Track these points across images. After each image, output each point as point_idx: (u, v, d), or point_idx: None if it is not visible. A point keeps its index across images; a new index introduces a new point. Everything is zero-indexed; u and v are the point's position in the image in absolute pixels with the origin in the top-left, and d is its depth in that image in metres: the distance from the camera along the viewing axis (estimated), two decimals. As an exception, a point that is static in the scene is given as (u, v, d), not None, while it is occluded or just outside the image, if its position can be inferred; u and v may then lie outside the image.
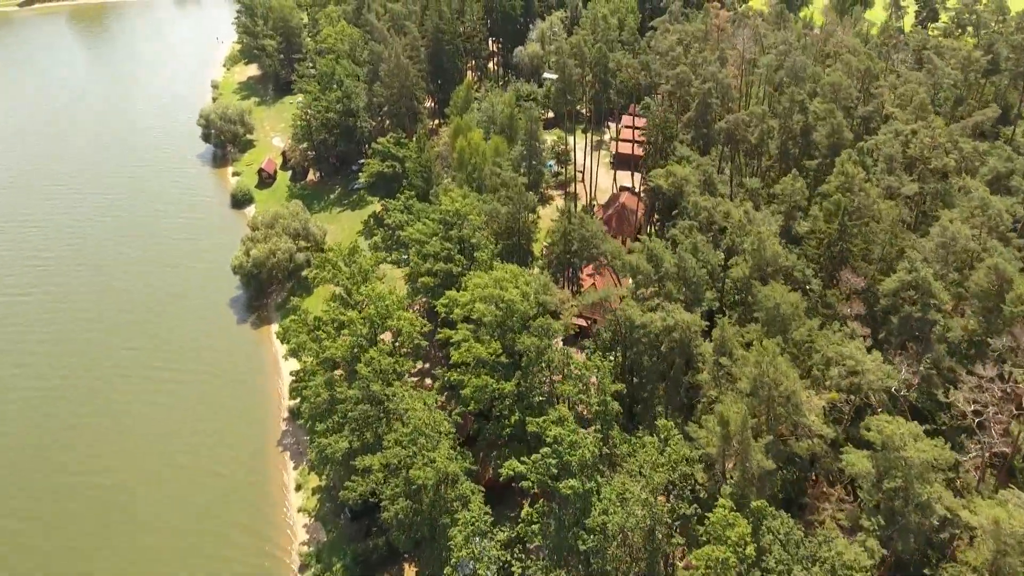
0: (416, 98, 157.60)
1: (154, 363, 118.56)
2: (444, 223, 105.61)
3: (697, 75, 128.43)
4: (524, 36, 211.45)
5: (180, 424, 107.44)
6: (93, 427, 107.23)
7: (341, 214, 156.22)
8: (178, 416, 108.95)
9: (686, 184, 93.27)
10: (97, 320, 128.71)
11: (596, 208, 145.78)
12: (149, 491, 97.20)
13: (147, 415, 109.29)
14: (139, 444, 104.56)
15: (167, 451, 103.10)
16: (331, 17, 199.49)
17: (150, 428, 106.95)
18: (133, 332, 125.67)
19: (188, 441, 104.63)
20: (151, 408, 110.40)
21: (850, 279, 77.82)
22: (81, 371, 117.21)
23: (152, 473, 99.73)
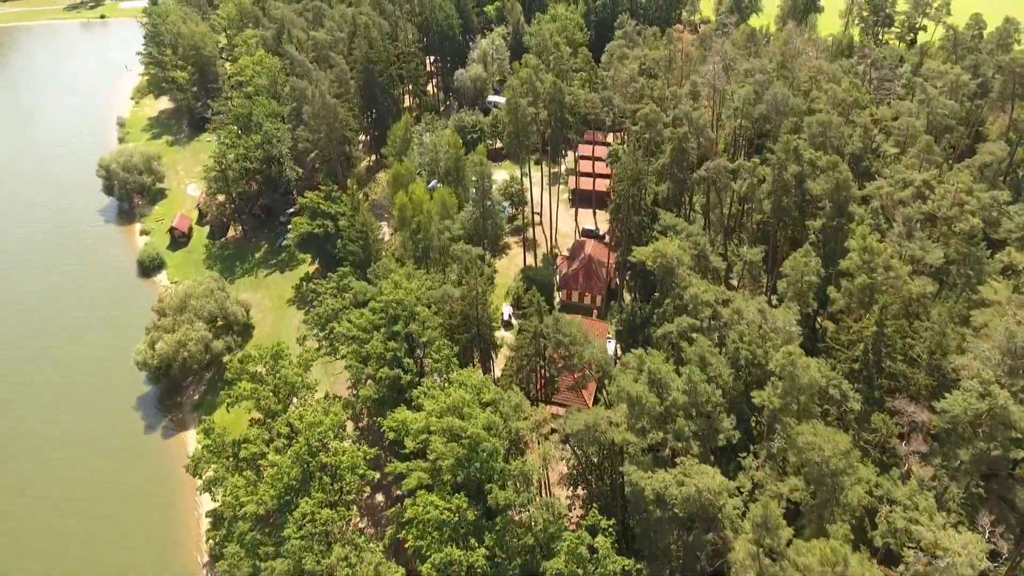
0: (348, 140, 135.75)
1: (33, 499, 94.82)
2: (387, 315, 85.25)
3: (666, 111, 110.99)
4: (464, 55, 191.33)
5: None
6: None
7: (269, 277, 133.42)
8: (66, 569, 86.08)
9: (678, 266, 75.28)
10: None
11: (559, 260, 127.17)
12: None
13: (22, 570, 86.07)
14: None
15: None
16: (248, 44, 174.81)
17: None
18: (6, 446, 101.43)
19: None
20: (25, 559, 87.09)
21: (907, 410, 60.99)
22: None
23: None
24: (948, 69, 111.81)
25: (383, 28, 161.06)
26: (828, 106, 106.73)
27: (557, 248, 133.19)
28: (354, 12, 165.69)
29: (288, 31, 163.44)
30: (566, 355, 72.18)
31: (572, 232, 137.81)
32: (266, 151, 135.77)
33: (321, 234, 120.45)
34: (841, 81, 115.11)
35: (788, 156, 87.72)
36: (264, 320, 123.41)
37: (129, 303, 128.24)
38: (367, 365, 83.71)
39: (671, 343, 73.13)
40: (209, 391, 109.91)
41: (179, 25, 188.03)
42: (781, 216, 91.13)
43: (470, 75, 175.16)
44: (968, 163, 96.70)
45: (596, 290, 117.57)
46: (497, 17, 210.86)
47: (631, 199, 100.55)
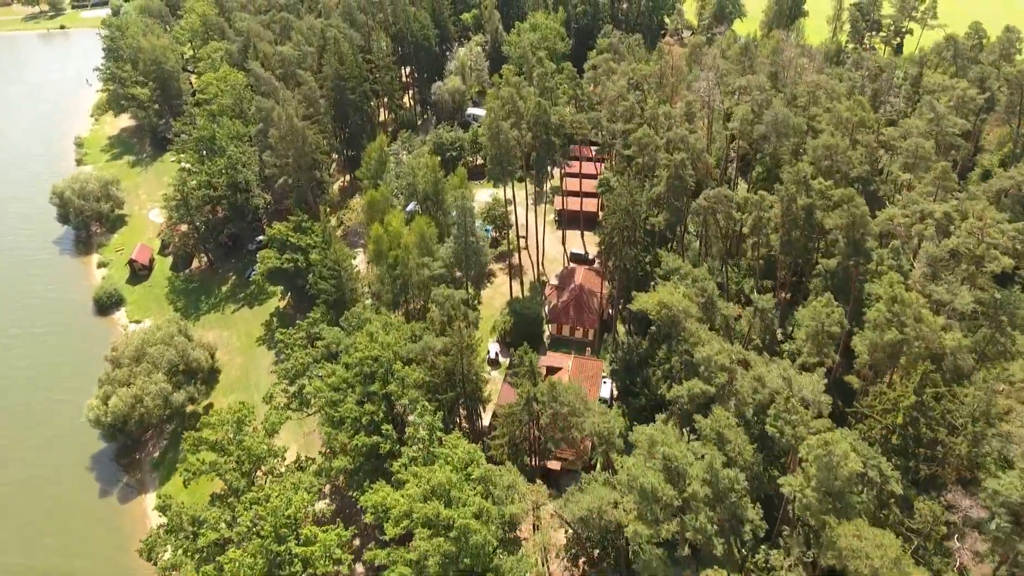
0: (319, 164, 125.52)
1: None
2: (362, 373, 75.79)
3: (659, 132, 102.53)
4: (442, 66, 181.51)
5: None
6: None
7: (236, 313, 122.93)
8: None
9: (685, 318, 66.75)
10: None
11: (547, 289, 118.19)
12: None
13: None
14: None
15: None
16: (212, 59, 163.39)
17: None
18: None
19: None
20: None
21: (962, 504, 53.02)
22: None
23: None
24: (955, 84, 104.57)
25: (354, 41, 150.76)
26: (831, 126, 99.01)
27: (545, 275, 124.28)
28: (323, 25, 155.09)
29: (254, 45, 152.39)
30: (565, 427, 63.34)
31: (560, 256, 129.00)
32: (231, 177, 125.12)
33: (291, 270, 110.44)
34: (842, 98, 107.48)
35: (799, 188, 79.57)
36: (232, 362, 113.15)
37: (84, 345, 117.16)
38: (340, 430, 74.29)
39: (681, 408, 64.69)
40: (171, 446, 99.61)
41: (139, 39, 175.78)
42: (791, 251, 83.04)
43: (448, 88, 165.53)
44: (984, 188, 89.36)
45: (588, 323, 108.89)
46: (474, 25, 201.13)
47: (625, 231, 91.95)
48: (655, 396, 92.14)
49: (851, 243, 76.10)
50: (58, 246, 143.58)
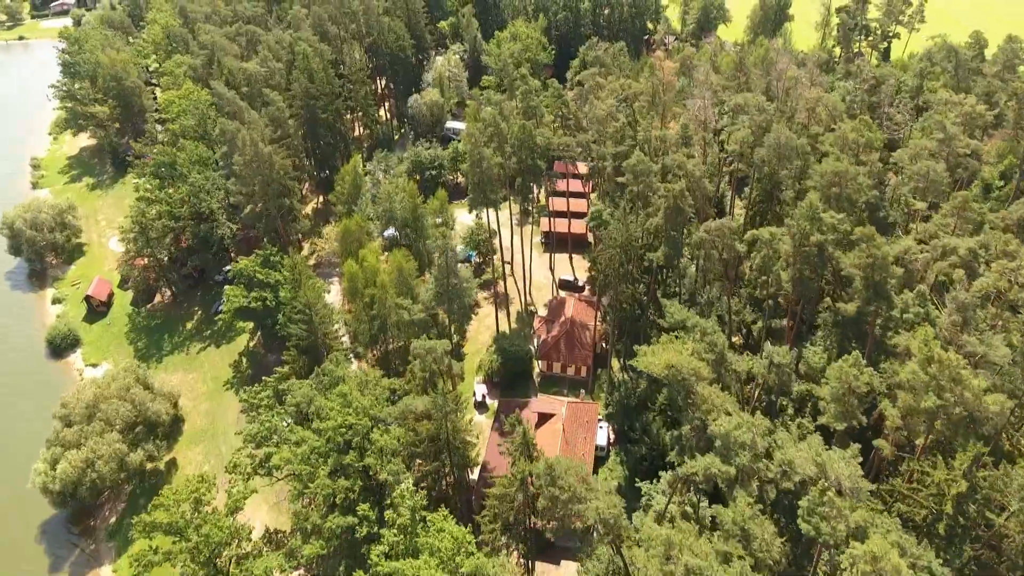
0: (288, 191, 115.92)
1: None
2: (336, 442, 66.98)
3: (653, 156, 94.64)
4: (419, 77, 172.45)
5: None
6: None
7: (203, 353, 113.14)
8: None
9: (697, 382, 58.83)
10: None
11: (536, 322, 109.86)
12: None
13: None
14: None
15: None
16: (175, 75, 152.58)
17: None
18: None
19: None
20: None
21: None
22: None
23: None
24: (962, 100, 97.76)
25: (325, 55, 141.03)
26: (835, 147, 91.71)
27: (532, 305, 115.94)
28: (292, 38, 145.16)
29: (218, 60, 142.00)
30: (564, 514, 55.14)
31: (548, 283, 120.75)
32: (193, 206, 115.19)
33: (259, 310, 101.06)
34: (843, 115, 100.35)
35: (812, 225, 71.97)
36: (197, 409, 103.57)
37: (36, 393, 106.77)
38: (312, 509, 65.49)
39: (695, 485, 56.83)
40: (130, 509, 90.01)
41: (98, 53, 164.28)
42: (803, 292, 75.48)
43: (426, 101, 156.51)
44: (1004, 216, 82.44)
45: (581, 360, 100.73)
46: (452, 33, 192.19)
47: (621, 267, 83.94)
48: (657, 445, 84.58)
49: (870, 286, 68.66)
50: (9, 280, 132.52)
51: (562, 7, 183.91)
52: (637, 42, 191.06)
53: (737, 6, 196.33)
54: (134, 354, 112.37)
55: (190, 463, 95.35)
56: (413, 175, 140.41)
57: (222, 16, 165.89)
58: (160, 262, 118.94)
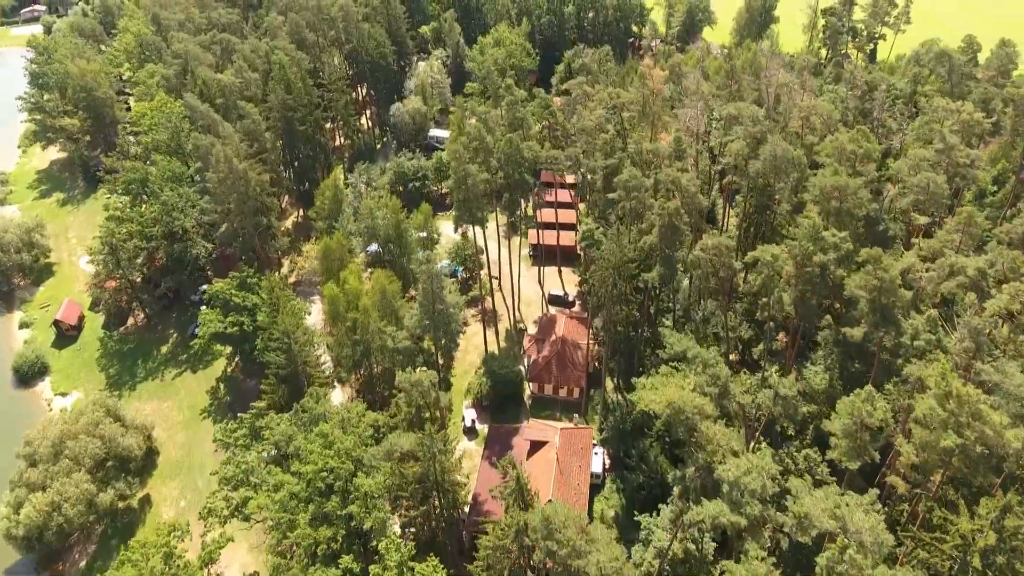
0: (265, 209, 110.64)
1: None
2: (316, 488, 62.30)
3: (645, 170, 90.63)
4: (400, 84, 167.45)
5: None
6: None
7: (178, 379, 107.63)
8: None
9: (699, 419, 54.83)
10: None
11: (526, 341, 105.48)
12: None
13: None
14: None
15: None
16: (148, 84, 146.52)
17: None
18: None
19: None
20: None
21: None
22: None
23: None
24: (960, 107, 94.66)
25: (303, 64, 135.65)
26: (832, 159, 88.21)
27: (522, 323, 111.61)
28: (269, 47, 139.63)
29: (191, 71, 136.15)
30: (563, 570, 50.83)
31: (537, 298, 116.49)
32: (165, 225, 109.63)
33: (236, 335, 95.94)
34: (839, 124, 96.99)
35: (815, 245, 68.25)
36: (172, 440, 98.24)
37: (2, 424, 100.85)
38: (291, 559, 60.80)
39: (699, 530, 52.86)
40: (100, 552, 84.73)
41: (67, 63, 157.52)
42: (805, 313, 71.80)
43: (408, 109, 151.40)
44: (1008, 230, 79.34)
45: (574, 381, 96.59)
46: (434, 38, 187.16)
47: (614, 288, 79.79)
48: (655, 474, 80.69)
49: (877, 309, 65.04)
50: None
51: (546, 11, 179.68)
52: (622, 45, 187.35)
53: (722, 8, 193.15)
54: (106, 381, 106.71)
55: (165, 499, 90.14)
56: (396, 186, 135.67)
57: (196, 24, 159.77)
58: (132, 283, 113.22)
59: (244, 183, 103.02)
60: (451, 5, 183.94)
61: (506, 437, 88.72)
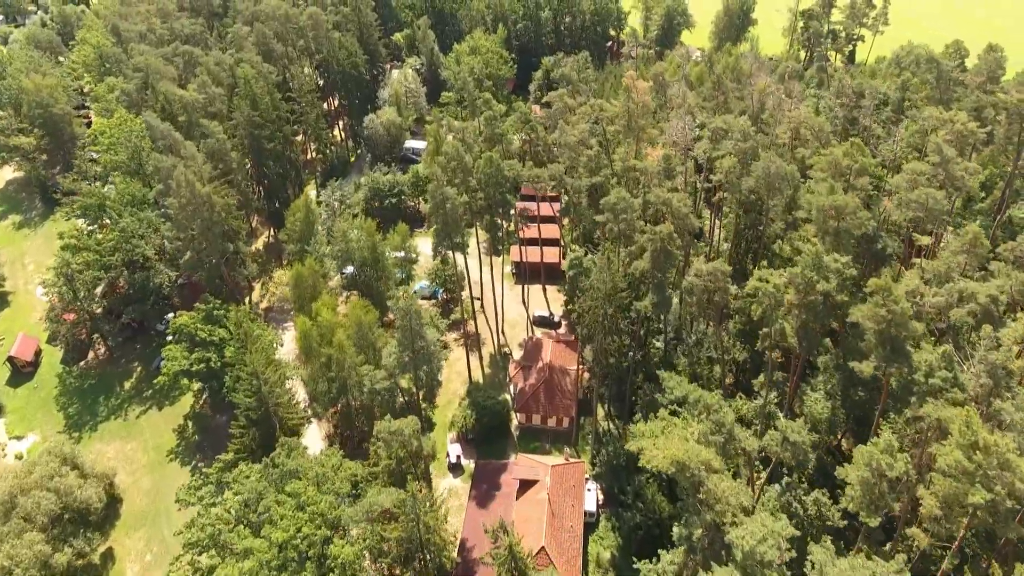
0: (233, 234, 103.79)
1: None
2: (289, 557, 56.30)
3: (631, 188, 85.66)
4: (374, 93, 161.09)
5: None
6: None
7: (143, 417, 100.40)
8: None
9: (705, 477, 49.84)
10: None
11: (512, 368, 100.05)
12: None
13: None
14: None
15: None
16: (107, 100, 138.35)
17: None
18: None
19: None
20: None
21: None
22: None
23: None
24: (953, 116, 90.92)
25: (270, 77, 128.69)
26: (827, 173, 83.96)
27: (507, 347, 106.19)
28: (234, 60, 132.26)
29: (152, 85, 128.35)
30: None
31: (522, 320, 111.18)
32: (125, 253, 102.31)
33: (202, 371, 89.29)
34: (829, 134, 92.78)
35: (819, 273, 63.66)
36: (136, 486, 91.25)
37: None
38: (264, 637, 54.79)
39: None
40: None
41: (21, 78, 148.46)
42: (809, 345, 67.25)
43: (382, 121, 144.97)
44: (1012, 248, 75.55)
45: (563, 410, 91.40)
46: (408, 45, 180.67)
47: (605, 320, 74.62)
48: (653, 514, 75.80)
49: (886, 341, 60.57)
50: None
51: (522, 16, 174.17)
52: (600, 50, 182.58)
53: (700, 11, 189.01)
54: (64, 422, 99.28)
55: (129, 553, 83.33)
56: (371, 203, 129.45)
57: (158, 35, 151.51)
58: (91, 315, 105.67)
59: (208, 208, 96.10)
60: (424, 11, 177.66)
61: (494, 475, 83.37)
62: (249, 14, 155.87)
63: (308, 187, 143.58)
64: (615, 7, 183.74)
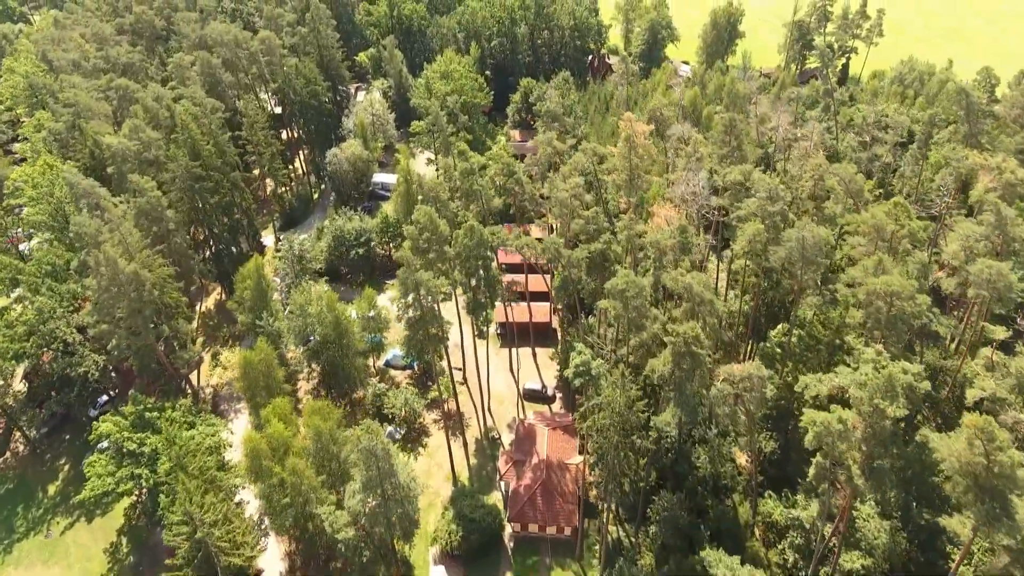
0: (171, 311, 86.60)
1: None
2: None
3: (641, 266, 70.71)
4: (339, 120, 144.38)
5: None
6: None
7: (70, 532, 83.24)
8: None
9: None
10: None
11: (503, 461, 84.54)
12: None
13: None
14: None
15: None
16: (34, 141, 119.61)
17: None
18: None
19: None
20: None
21: None
22: None
23: None
24: (1002, 163, 77.30)
25: (216, 115, 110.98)
26: (868, 239, 69.87)
27: (495, 430, 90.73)
28: (174, 95, 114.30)
29: (80, 127, 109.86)
30: None
31: (510, 392, 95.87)
32: (42, 338, 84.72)
33: (136, 493, 72.60)
34: (863, 189, 78.61)
35: (887, 397, 49.28)
36: (58, 629, 74.48)
37: None
38: None
39: None
40: None
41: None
42: (878, 482, 52.95)
43: (346, 156, 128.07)
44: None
45: (564, 517, 76.28)
46: (374, 67, 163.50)
47: (618, 448, 59.58)
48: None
49: (982, 495, 46.38)
50: None
51: (496, 33, 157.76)
52: (580, 66, 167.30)
53: (682, 23, 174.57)
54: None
55: None
56: (335, 253, 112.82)
57: (93, 64, 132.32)
58: (5, 407, 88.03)
59: (136, 287, 78.88)
60: (391, 29, 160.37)
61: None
62: (196, 38, 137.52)
63: (266, 231, 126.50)
64: (595, 21, 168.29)
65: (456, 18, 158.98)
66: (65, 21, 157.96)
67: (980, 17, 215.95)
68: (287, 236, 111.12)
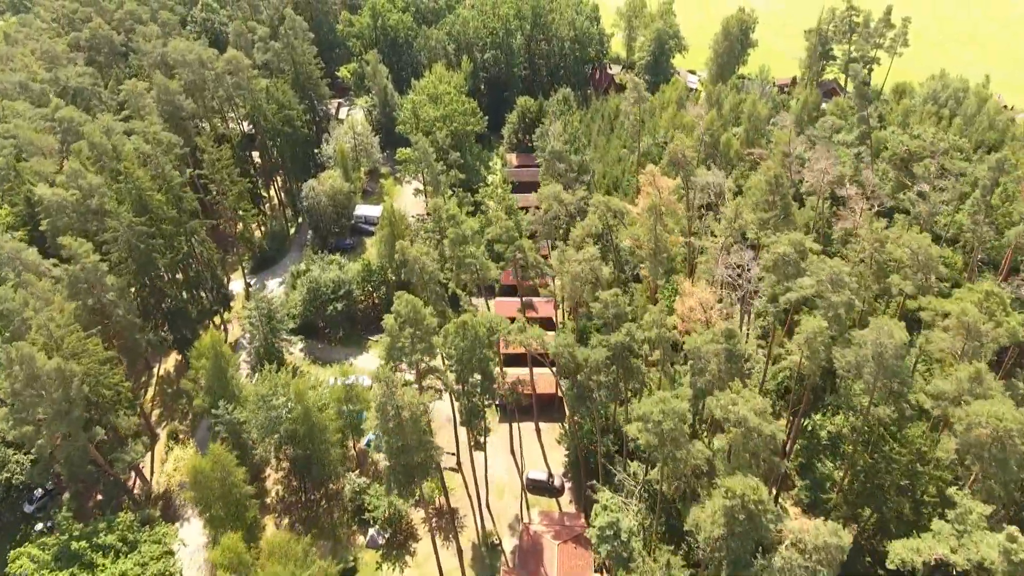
0: (109, 405, 71.38)
1: None
2: None
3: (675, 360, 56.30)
4: (317, 145, 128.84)
5: None
6: None
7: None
8: None
9: None
10: None
11: (502, 573, 70.33)
12: None
13: None
14: None
15: None
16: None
17: None
18: None
19: None
20: None
21: None
22: None
23: None
24: None
25: (171, 153, 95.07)
26: (956, 338, 55.37)
27: (495, 534, 76.14)
28: (123, 130, 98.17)
29: (16, 170, 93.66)
30: None
31: (512, 481, 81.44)
32: (-45, 440, 69.57)
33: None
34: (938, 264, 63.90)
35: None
36: None
37: None
38: None
39: None
40: None
41: None
42: None
43: (325, 189, 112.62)
44: None
45: (577, 662, 62.46)
46: (356, 83, 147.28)
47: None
48: None
49: None
50: None
51: (490, 44, 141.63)
52: (581, 79, 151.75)
53: (689, 30, 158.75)
54: None
55: None
56: (311, 307, 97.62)
57: (40, 88, 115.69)
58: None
59: (61, 385, 63.68)
60: (375, 42, 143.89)
61: None
62: (157, 55, 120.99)
63: (236, 274, 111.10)
64: (596, 30, 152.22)
65: (446, 29, 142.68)
66: (17, 35, 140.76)
67: (994, 22, 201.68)
68: (257, 289, 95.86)
